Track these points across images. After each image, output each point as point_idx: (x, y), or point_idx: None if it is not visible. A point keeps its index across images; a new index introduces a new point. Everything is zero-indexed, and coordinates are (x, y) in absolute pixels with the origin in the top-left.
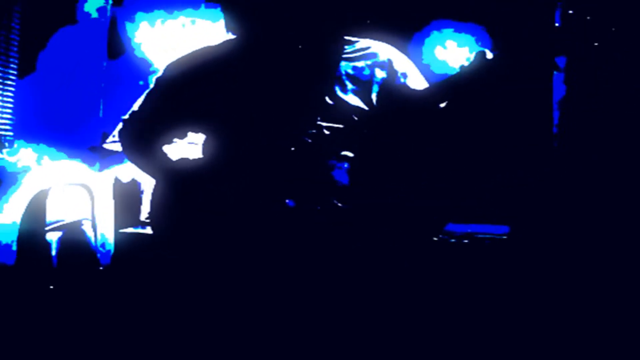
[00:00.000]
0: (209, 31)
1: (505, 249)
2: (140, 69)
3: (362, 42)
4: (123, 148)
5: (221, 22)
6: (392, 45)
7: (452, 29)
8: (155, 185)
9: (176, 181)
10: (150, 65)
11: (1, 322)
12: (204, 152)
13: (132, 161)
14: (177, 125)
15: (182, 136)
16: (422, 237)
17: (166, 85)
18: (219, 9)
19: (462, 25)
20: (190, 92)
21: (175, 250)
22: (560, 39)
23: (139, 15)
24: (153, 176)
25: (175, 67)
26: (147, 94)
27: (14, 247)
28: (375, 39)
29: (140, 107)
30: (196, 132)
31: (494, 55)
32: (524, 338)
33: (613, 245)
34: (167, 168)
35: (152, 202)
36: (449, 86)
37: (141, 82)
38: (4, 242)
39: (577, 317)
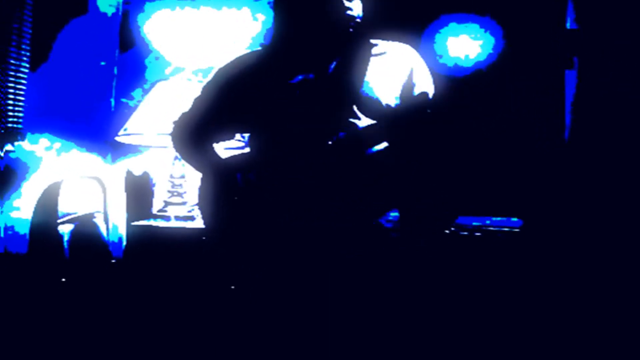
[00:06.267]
0: (221, 22)
1: (518, 242)
2: (152, 62)
3: (385, 45)
4: (175, 147)
5: (232, 12)
6: (404, 40)
7: (463, 23)
8: (205, 181)
9: (227, 176)
10: (162, 57)
11: (14, 314)
12: (250, 150)
13: (185, 159)
14: (226, 126)
15: (231, 136)
16: (434, 230)
17: (215, 90)
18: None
19: (474, 19)
20: (236, 96)
21: (224, 243)
22: (573, 34)
23: (151, 7)
24: (204, 172)
25: (223, 74)
26: (197, 99)
27: (27, 240)
28: (388, 34)
29: (191, 110)
30: (243, 132)
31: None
32: (536, 332)
33: (627, 238)
34: (219, 165)
35: (202, 196)
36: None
37: (152, 74)
38: (17, 234)
39: (590, 311)
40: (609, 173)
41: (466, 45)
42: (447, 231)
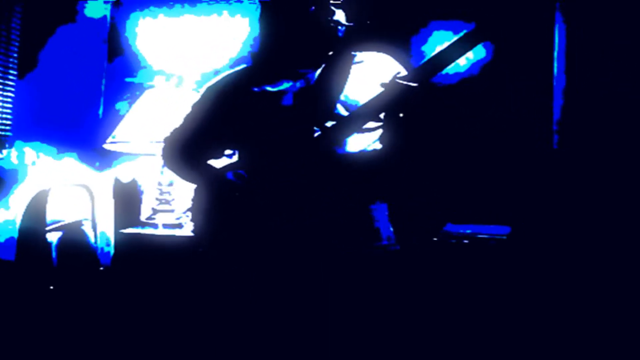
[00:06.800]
0: (209, 30)
1: (505, 250)
2: (140, 69)
3: (363, 55)
4: (166, 161)
5: (219, 20)
6: (391, 47)
7: (451, 31)
8: (198, 191)
9: (220, 182)
10: (150, 65)
11: (2, 321)
12: (240, 162)
13: (178, 175)
14: (216, 143)
15: (221, 153)
16: (422, 237)
17: (204, 108)
18: (215, 5)
19: (461, 25)
20: (226, 113)
21: (216, 251)
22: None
23: (140, 15)
24: (197, 184)
25: (212, 91)
26: (186, 116)
27: (15, 247)
28: (375, 42)
29: (181, 127)
30: (233, 148)
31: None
32: (524, 339)
33: (614, 245)
34: (211, 174)
35: (195, 207)
36: (427, 69)
37: (140, 82)
38: (5, 241)
39: (577, 318)
40: (596, 180)
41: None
42: (435, 238)
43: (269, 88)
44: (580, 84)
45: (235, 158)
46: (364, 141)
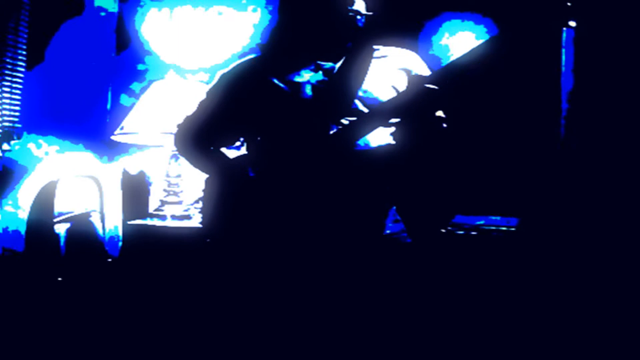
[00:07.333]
0: (217, 21)
1: (514, 241)
2: (147, 62)
3: (386, 49)
4: (179, 149)
5: (227, 12)
6: (401, 39)
7: (461, 21)
8: (212, 181)
9: (238, 173)
10: (158, 57)
11: (10, 313)
12: (252, 153)
13: (190, 162)
14: (231, 131)
15: (234, 141)
16: (430, 229)
17: (219, 95)
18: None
19: (472, 17)
20: (241, 100)
21: (226, 242)
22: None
23: (147, 7)
24: (211, 173)
25: (227, 78)
26: (201, 103)
27: (23, 239)
28: (385, 36)
29: (195, 114)
30: (248, 136)
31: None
32: (532, 332)
33: (622, 237)
34: (228, 164)
35: (208, 197)
36: (449, 71)
37: (148, 73)
38: (14, 233)
39: (586, 311)
40: (605, 171)
41: (462, 44)
42: (443, 230)
43: (288, 79)
44: (589, 76)
45: (243, 149)
46: (378, 137)
